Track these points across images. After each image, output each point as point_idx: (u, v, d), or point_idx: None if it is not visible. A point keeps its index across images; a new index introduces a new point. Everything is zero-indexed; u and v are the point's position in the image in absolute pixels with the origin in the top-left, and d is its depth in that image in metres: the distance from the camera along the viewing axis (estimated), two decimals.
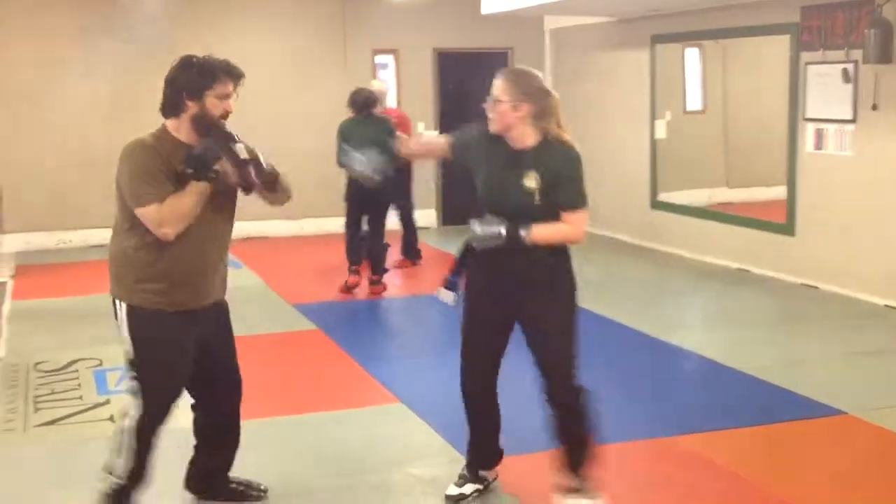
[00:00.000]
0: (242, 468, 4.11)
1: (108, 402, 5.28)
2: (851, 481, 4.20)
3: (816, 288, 7.79)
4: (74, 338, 6.55)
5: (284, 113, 10.58)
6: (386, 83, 9.84)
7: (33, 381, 5.65)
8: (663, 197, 9.80)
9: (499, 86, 3.70)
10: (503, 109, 3.67)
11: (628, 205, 10.24)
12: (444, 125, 11.03)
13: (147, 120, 3.69)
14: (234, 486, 4.02)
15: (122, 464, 3.60)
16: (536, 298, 3.75)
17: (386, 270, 8.25)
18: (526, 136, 3.71)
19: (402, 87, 11.22)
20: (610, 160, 10.53)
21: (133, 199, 3.42)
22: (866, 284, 7.39)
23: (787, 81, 7.97)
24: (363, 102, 7.95)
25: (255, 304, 7.68)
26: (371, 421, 5.02)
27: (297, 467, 4.39)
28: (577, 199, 3.74)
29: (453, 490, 4.02)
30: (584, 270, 8.86)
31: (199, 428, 3.94)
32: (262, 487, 4.06)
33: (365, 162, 4.01)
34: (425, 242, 9.73)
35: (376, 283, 8.05)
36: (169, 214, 3.40)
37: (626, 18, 10.01)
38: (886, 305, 7.19)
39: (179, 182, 3.43)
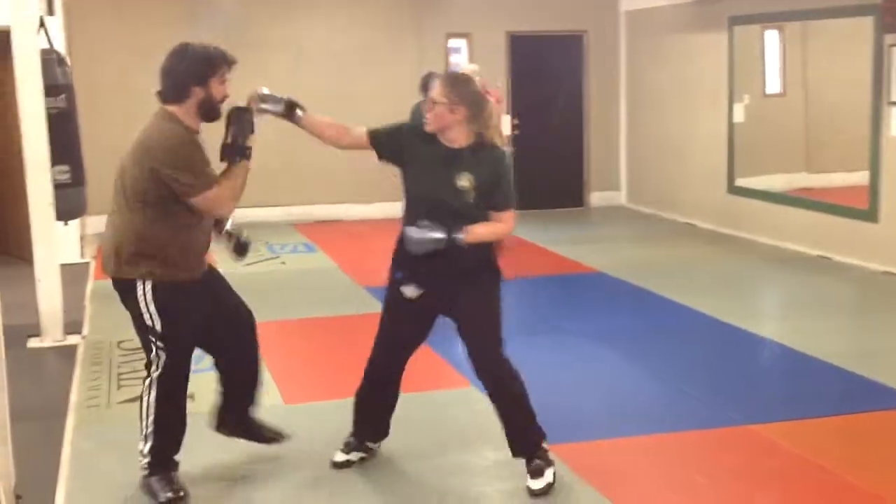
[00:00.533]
0: (318, 445, 4.16)
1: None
2: None
3: None
4: None
5: (357, 96, 10.62)
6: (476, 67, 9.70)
7: (116, 359, 5.80)
8: (741, 182, 9.64)
9: (437, 88, 3.93)
10: (440, 111, 3.87)
11: (705, 190, 10.09)
12: (517, 109, 10.98)
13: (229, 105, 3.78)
14: (256, 427, 4.24)
15: (151, 435, 3.88)
16: (465, 291, 3.94)
17: None
18: (460, 137, 3.90)
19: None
20: (686, 145, 10.38)
21: (186, 188, 3.67)
22: None
23: (870, 64, 7.76)
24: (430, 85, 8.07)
25: (327, 286, 7.77)
26: (443, 404, 5.05)
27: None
28: (510, 200, 3.96)
29: (340, 457, 4.21)
30: (661, 258, 8.71)
31: (225, 375, 4.16)
32: (284, 434, 4.26)
33: None
34: None
35: None
36: (227, 195, 3.75)
37: (703, 0, 9.84)
38: None
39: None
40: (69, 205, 6.60)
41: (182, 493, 3.87)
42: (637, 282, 7.61)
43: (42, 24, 6.39)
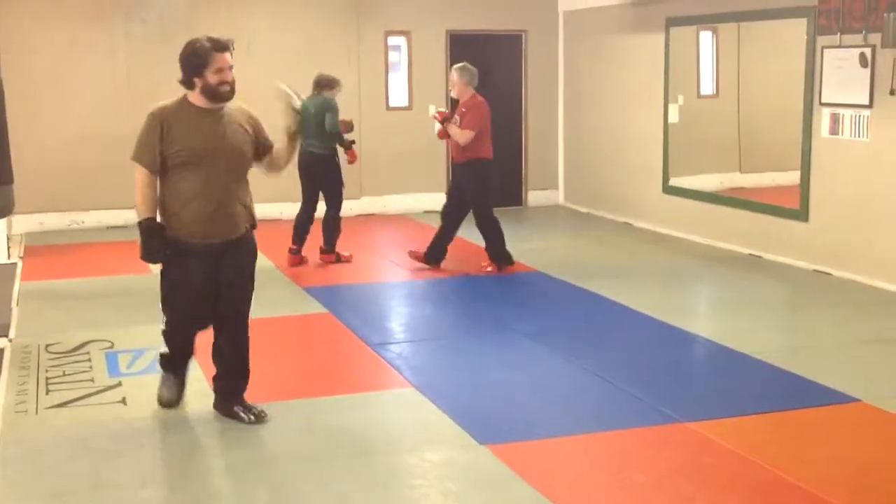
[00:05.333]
0: (260, 448, 4.09)
1: (119, 384, 5.26)
2: (866, 468, 4.18)
3: (830, 274, 7.73)
4: (86, 319, 6.55)
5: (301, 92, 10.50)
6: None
7: (45, 363, 5.64)
8: (675, 182, 9.75)
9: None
10: None
11: (641, 190, 10.18)
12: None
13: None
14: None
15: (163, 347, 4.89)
16: None
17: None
18: None
19: (414, 69, 11.15)
20: (623, 145, 10.47)
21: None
22: (881, 271, 7.33)
23: (802, 66, 7.89)
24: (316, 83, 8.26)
25: (265, 287, 7.56)
26: (384, 405, 5.01)
27: (312, 449, 4.38)
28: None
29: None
30: (598, 257, 8.67)
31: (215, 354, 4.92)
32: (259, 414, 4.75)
33: None
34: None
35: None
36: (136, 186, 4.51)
37: (641, 1, 9.93)
38: None
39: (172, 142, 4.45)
40: None
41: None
42: (574, 281, 7.65)
43: None
